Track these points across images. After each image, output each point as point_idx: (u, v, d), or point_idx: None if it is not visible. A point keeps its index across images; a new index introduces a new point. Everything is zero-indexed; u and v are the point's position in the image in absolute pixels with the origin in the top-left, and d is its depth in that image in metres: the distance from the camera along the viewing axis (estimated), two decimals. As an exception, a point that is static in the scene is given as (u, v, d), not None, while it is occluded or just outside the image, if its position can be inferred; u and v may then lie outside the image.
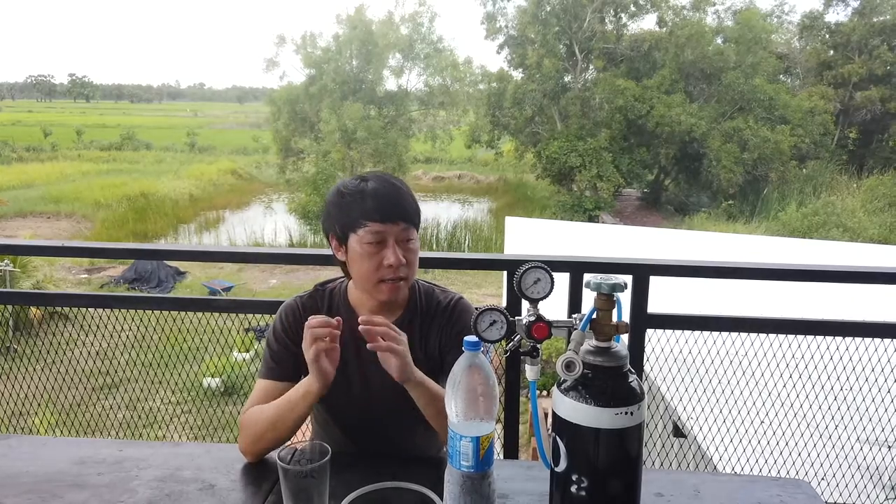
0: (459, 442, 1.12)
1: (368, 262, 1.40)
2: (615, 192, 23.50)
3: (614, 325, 1.06)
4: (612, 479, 1.05)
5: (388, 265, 1.39)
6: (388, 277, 1.41)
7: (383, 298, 1.45)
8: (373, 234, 1.39)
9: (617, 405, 1.01)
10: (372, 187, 1.41)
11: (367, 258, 1.40)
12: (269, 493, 1.28)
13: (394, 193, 1.42)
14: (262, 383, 1.45)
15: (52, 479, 1.34)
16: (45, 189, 23.40)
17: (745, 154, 21.55)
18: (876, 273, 2.30)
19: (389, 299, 1.45)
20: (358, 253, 1.41)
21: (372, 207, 1.39)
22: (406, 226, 1.41)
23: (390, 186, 1.43)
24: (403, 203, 1.42)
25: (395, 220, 1.39)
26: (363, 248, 1.40)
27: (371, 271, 1.41)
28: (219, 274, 13.66)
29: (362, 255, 1.41)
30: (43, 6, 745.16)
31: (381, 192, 1.40)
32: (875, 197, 17.60)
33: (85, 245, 2.85)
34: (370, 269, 1.41)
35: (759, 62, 22.64)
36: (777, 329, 2.23)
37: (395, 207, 1.40)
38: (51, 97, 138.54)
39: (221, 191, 26.34)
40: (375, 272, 1.41)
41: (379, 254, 1.40)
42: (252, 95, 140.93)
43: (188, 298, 2.58)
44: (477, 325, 1.10)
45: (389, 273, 1.40)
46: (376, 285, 1.43)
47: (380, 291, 1.43)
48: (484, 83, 27.10)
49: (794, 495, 1.29)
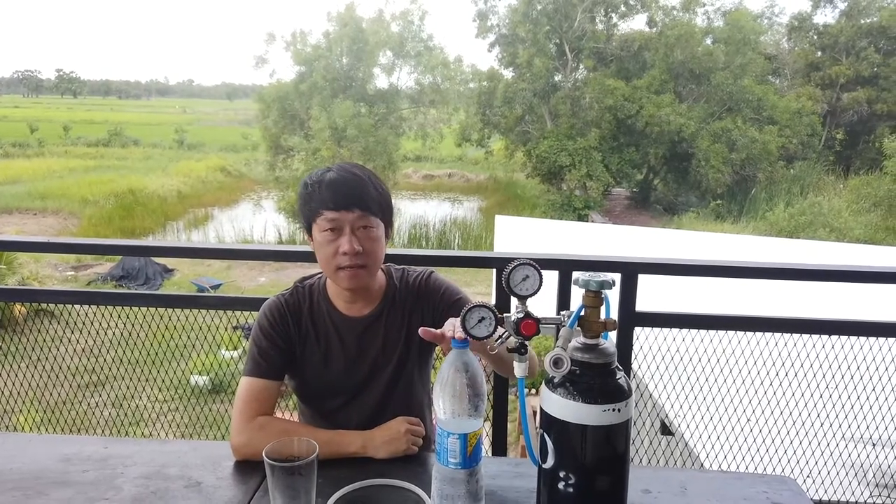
0: (447, 439, 1.12)
1: (326, 250, 1.42)
2: (605, 191, 23.60)
3: (602, 322, 1.06)
4: (599, 475, 1.05)
5: (342, 252, 1.41)
6: (345, 265, 1.42)
7: (344, 286, 1.46)
8: (328, 222, 1.41)
9: (605, 402, 1.01)
10: (330, 177, 1.43)
11: (324, 246, 1.42)
12: (255, 490, 1.28)
13: (352, 182, 1.43)
14: (250, 381, 1.45)
15: (37, 477, 1.32)
16: (31, 185, 23.16)
17: (733, 154, 21.70)
18: (861, 272, 2.33)
19: (350, 287, 1.46)
20: (318, 241, 1.44)
21: (328, 196, 1.40)
22: (362, 213, 1.42)
23: (350, 175, 1.44)
24: (360, 191, 1.42)
25: (350, 208, 1.40)
26: (322, 237, 1.42)
27: (329, 259, 1.43)
28: (207, 271, 13.59)
29: (321, 244, 1.43)
30: (30, 0, 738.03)
31: (337, 181, 1.42)
32: (860, 197, 17.76)
33: (71, 241, 2.82)
34: (328, 256, 1.42)
35: (747, 63, 22.79)
36: (764, 327, 2.24)
37: (351, 195, 1.41)
38: (37, 92, 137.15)
39: (210, 188, 26.18)
40: (333, 259, 1.42)
41: (335, 241, 1.41)
42: (242, 92, 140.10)
43: (175, 295, 2.56)
44: (465, 322, 1.10)
45: (346, 260, 1.41)
46: (335, 273, 1.44)
47: (339, 279, 1.45)
48: (474, 82, 27.08)
49: (780, 492, 1.30)
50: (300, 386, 1.56)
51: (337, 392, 1.53)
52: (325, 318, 1.52)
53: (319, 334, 1.51)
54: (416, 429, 1.41)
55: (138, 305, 2.46)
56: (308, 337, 1.51)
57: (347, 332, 1.51)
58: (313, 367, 1.51)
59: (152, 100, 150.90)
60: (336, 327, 1.51)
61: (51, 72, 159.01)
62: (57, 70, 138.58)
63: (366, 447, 1.37)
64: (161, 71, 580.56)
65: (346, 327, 1.51)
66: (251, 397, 1.43)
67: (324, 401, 1.55)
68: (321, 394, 1.55)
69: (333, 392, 1.53)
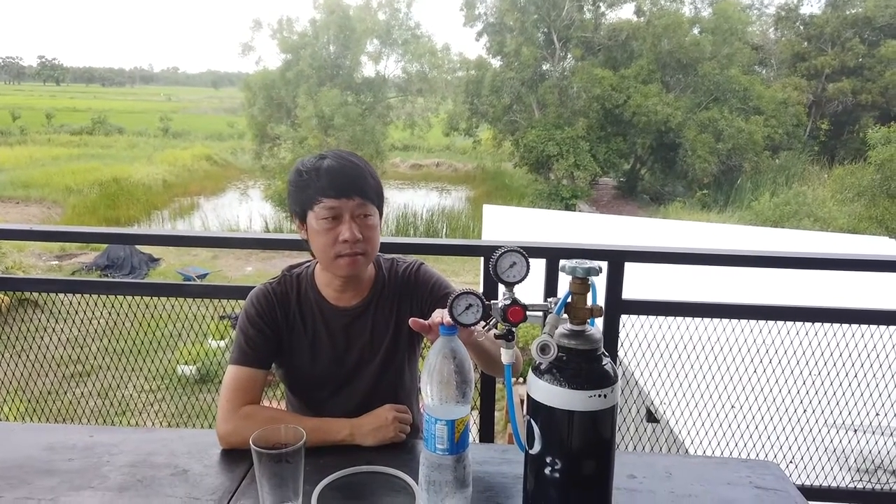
0: (435, 425, 1.13)
1: (325, 238, 1.41)
2: (592, 181, 23.64)
3: (589, 308, 1.07)
4: (585, 460, 1.06)
5: (343, 240, 1.40)
6: (345, 252, 1.41)
7: (342, 274, 1.45)
8: (328, 210, 1.40)
9: (591, 388, 1.02)
10: (327, 164, 1.41)
11: (323, 234, 1.41)
12: (243, 478, 1.28)
13: (350, 169, 1.42)
14: (236, 369, 1.44)
15: (21, 465, 1.31)
16: (13, 174, 22.81)
17: (719, 144, 21.79)
18: (842, 260, 2.36)
19: (348, 274, 1.45)
20: (315, 230, 1.42)
21: (327, 184, 1.39)
22: (361, 201, 1.41)
23: (347, 163, 1.43)
24: (359, 179, 1.42)
25: (350, 196, 1.40)
26: (319, 225, 1.41)
27: (327, 247, 1.41)
28: (193, 261, 13.50)
29: (319, 232, 1.42)
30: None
31: (336, 168, 1.41)
32: (844, 187, 17.91)
33: (54, 229, 2.79)
34: (327, 244, 1.41)
35: (734, 53, 22.87)
36: (748, 315, 2.27)
37: (350, 183, 1.40)
38: (19, 80, 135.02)
39: (196, 177, 25.93)
40: (332, 247, 1.41)
41: (335, 229, 1.40)
42: (227, 80, 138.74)
43: (161, 283, 2.55)
44: (453, 309, 1.10)
45: (345, 248, 1.40)
46: (334, 261, 1.43)
47: (338, 267, 1.44)
48: (462, 70, 26.98)
49: (763, 476, 1.32)
50: (287, 375, 1.55)
51: (324, 382, 1.52)
52: (312, 307, 1.51)
53: (307, 323, 1.51)
54: (404, 416, 1.41)
55: (122, 294, 2.44)
56: (295, 326, 1.50)
57: (335, 322, 1.51)
58: (300, 356, 1.51)
59: (136, 87, 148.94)
60: (324, 317, 1.51)
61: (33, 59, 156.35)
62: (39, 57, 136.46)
63: (353, 435, 1.37)
64: (145, 58, 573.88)
65: (334, 317, 1.51)
66: (238, 386, 1.42)
67: (311, 390, 1.55)
68: (308, 383, 1.55)
69: (321, 382, 1.53)
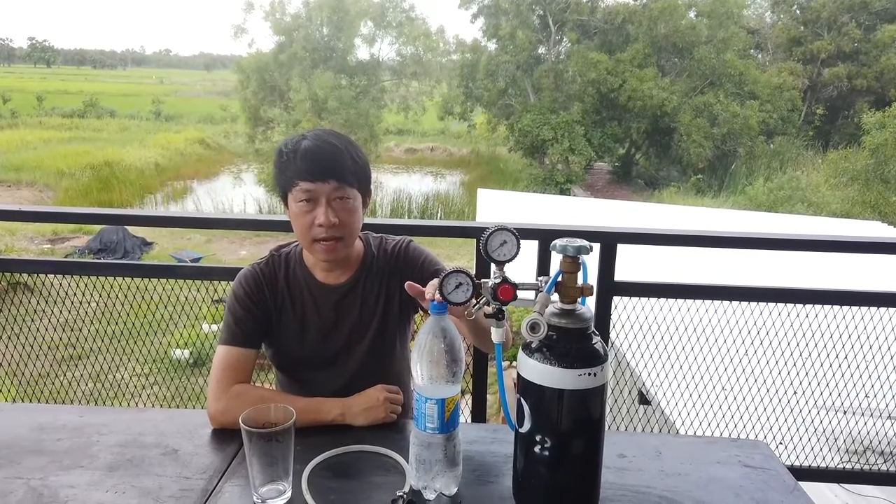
0: (425, 404, 1.13)
1: (301, 221, 1.40)
2: (587, 165, 23.61)
3: (579, 287, 1.06)
4: (574, 439, 1.06)
5: (318, 224, 1.38)
6: (321, 237, 1.40)
7: (320, 258, 1.45)
8: (304, 193, 1.38)
9: (581, 366, 1.02)
10: (305, 146, 1.39)
11: (300, 217, 1.40)
12: (233, 457, 1.27)
13: (328, 151, 1.39)
14: (226, 349, 1.44)
15: (10, 445, 1.31)
16: (4, 157, 22.63)
17: (714, 129, 21.78)
18: (834, 242, 2.36)
19: (326, 259, 1.45)
20: (293, 213, 1.41)
21: (303, 167, 1.37)
22: (338, 185, 1.39)
23: (325, 144, 1.40)
24: (336, 162, 1.39)
25: (326, 179, 1.38)
26: (297, 208, 1.40)
27: (304, 230, 1.40)
28: (187, 245, 13.45)
29: (297, 215, 1.41)
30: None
31: (312, 150, 1.38)
32: (838, 172, 17.91)
33: (44, 210, 2.77)
34: (303, 228, 1.40)
35: (730, 37, 22.78)
36: (740, 297, 2.27)
37: (327, 166, 1.38)
38: (9, 62, 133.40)
39: (189, 160, 25.78)
40: (308, 231, 1.40)
41: (311, 213, 1.39)
42: (220, 63, 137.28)
43: (153, 265, 2.53)
44: (443, 288, 1.10)
45: (321, 232, 1.39)
46: (311, 245, 1.42)
47: (315, 251, 1.43)
48: (457, 54, 26.85)
49: (752, 455, 1.32)
50: (277, 355, 1.55)
51: (314, 360, 1.52)
52: (301, 286, 1.50)
53: (296, 302, 1.50)
54: (395, 396, 1.41)
55: (114, 275, 2.42)
56: (284, 305, 1.50)
57: (324, 300, 1.50)
58: (290, 335, 1.50)
59: (128, 70, 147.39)
60: (312, 295, 1.50)
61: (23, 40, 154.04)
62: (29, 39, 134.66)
63: (344, 415, 1.37)
64: (137, 40, 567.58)
65: (323, 295, 1.50)
66: (227, 365, 1.42)
67: (301, 370, 1.55)
68: (298, 362, 1.54)
69: (310, 361, 1.52)
